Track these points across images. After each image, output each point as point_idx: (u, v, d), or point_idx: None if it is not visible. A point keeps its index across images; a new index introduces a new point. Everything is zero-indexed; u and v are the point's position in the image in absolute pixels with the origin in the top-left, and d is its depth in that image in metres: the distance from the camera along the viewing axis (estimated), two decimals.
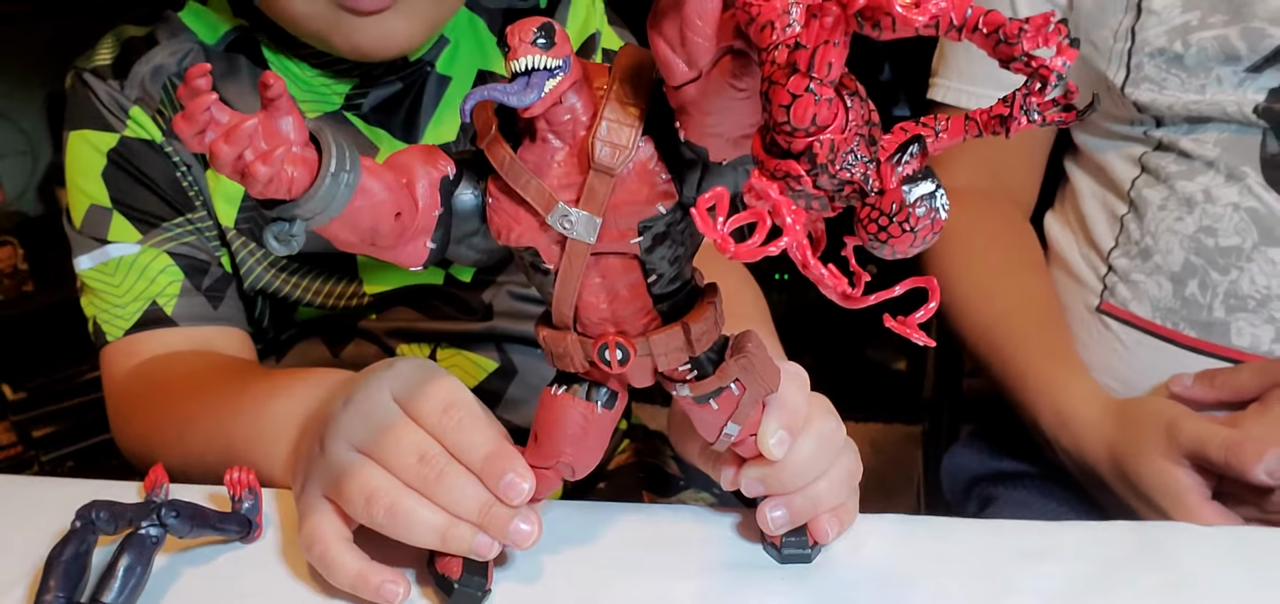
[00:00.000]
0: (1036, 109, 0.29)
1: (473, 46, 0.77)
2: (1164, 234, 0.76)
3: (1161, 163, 0.77)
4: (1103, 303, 0.80)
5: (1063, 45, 0.28)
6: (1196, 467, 0.66)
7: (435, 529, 0.46)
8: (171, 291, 0.72)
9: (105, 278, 0.73)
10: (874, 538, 0.53)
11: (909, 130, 0.32)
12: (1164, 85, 0.74)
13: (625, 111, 0.40)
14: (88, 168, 0.73)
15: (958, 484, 0.92)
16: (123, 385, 0.73)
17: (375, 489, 0.46)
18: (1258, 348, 0.72)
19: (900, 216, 0.31)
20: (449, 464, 0.46)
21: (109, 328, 0.73)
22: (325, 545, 0.48)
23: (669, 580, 0.50)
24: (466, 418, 0.47)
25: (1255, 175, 0.72)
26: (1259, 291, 0.72)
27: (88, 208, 0.73)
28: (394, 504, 0.46)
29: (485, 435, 0.47)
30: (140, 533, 0.47)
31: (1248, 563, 0.52)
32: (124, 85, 0.72)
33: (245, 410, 0.61)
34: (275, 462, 0.57)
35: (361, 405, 0.48)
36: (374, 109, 0.74)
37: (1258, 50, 0.70)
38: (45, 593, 0.45)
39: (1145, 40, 0.74)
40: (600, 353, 0.44)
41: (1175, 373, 0.73)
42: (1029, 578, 0.50)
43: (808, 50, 0.29)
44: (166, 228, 0.73)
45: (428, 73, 0.75)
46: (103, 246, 0.73)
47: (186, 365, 0.71)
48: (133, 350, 0.72)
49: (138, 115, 0.72)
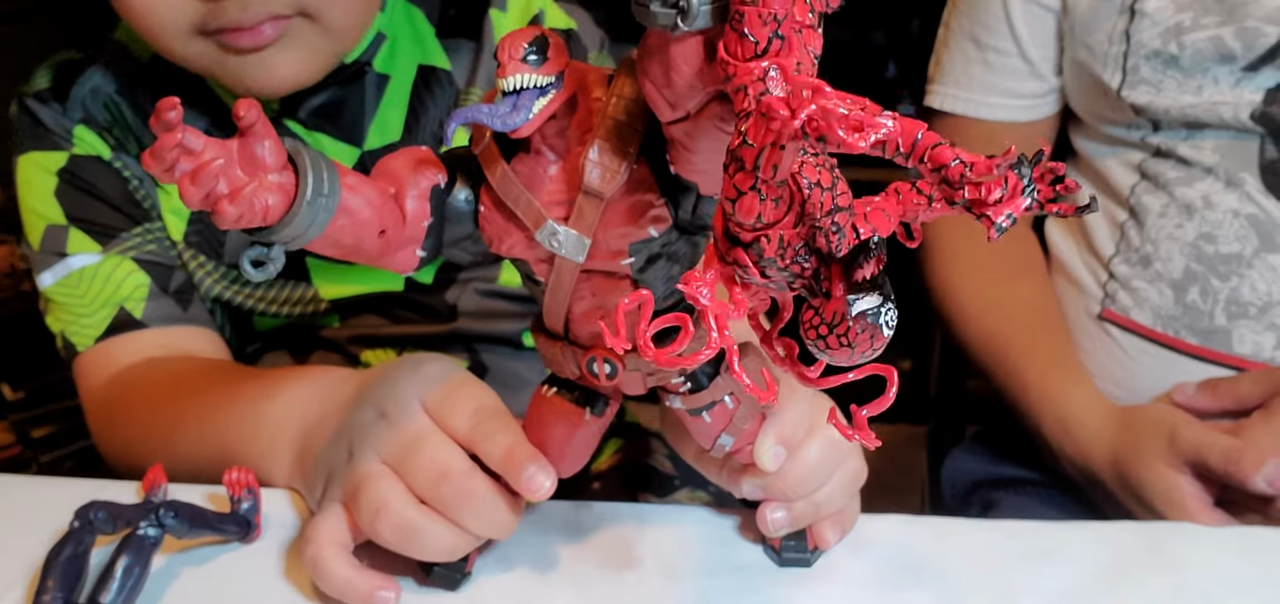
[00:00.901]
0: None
1: (411, 41, 0.74)
2: (1164, 241, 0.76)
3: (1160, 169, 0.77)
4: (1104, 310, 0.80)
5: (1010, 193, 0.25)
6: (1198, 474, 0.66)
7: (447, 547, 0.47)
8: (139, 296, 0.72)
9: (69, 290, 0.72)
10: (877, 538, 0.53)
11: (890, 207, 0.30)
12: (1161, 87, 0.74)
13: (619, 134, 0.38)
14: (39, 189, 0.72)
15: (958, 488, 0.92)
16: (101, 395, 0.72)
17: (384, 504, 0.46)
18: (1259, 355, 0.72)
19: (840, 329, 0.29)
20: (469, 480, 0.46)
21: (78, 339, 0.72)
22: (318, 547, 0.48)
23: (668, 580, 0.50)
24: (492, 422, 0.47)
25: (1254, 181, 0.72)
26: (1260, 298, 0.72)
27: (44, 228, 0.72)
28: (403, 522, 0.46)
29: (511, 437, 0.47)
30: (138, 533, 0.48)
31: (1254, 563, 0.52)
32: (66, 107, 0.72)
33: (238, 412, 0.60)
34: (273, 464, 0.56)
35: (393, 416, 0.48)
36: (313, 114, 0.72)
37: (1253, 49, 0.70)
38: (43, 593, 0.45)
39: (1140, 42, 0.74)
40: (588, 365, 0.43)
41: (1177, 380, 0.73)
42: (1034, 578, 0.50)
43: (753, 149, 0.27)
44: (125, 238, 0.73)
45: (366, 73, 0.72)
46: (64, 260, 0.72)
47: (167, 369, 0.70)
48: (106, 357, 0.72)
49: (82, 133, 0.72)
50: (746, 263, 0.30)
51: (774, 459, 0.47)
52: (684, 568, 0.51)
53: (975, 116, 0.87)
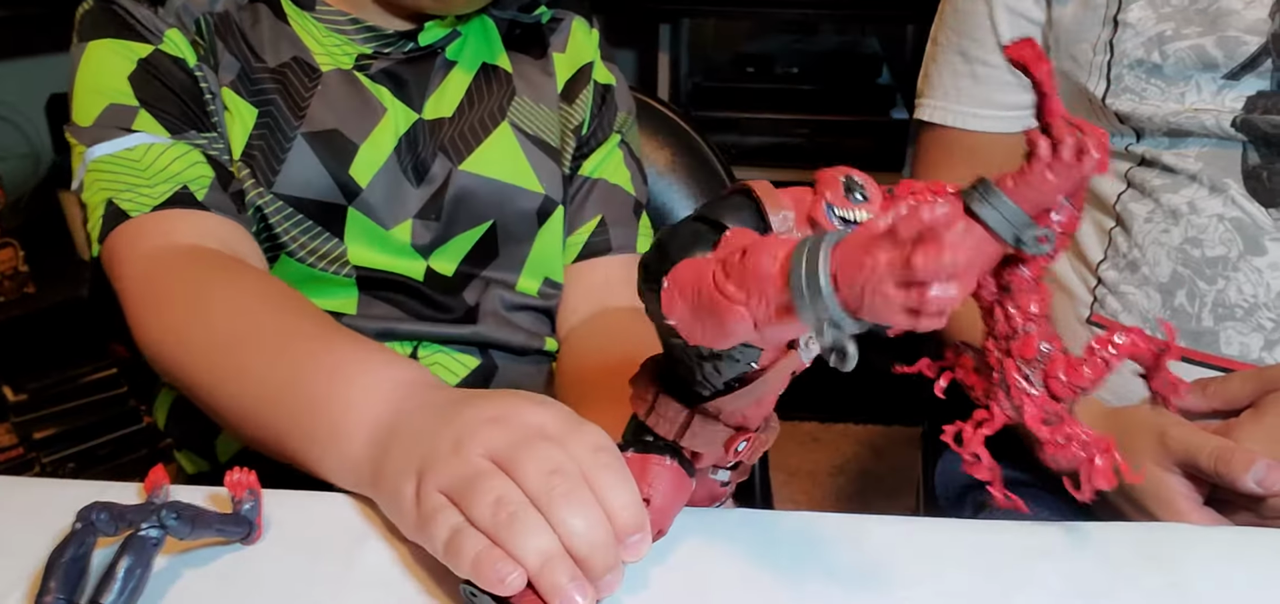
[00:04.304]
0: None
1: (481, 42, 0.83)
2: (1151, 246, 0.76)
3: (1146, 177, 0.78)
4: (1093, 315, 0.81)
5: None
6: (1188, 474, 0.66)
7: (542, 547, 0.43)
8: (203, 183, 0.71)
9: (130, 162, 0.70)
10: (874, 538, 0.53)
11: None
12: (1144, 95, 0.75)
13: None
14: (112, 71, 0.72)
15: (951, 490, 0.93)
16: (145, 269, 0.67)
17: (501, 497, 0.44)
18: (1247, 355, 0.73)
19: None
20: (578, 483, 0.44)
21: (133, 205, 0.69)
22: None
23: (667, 580, 0.51)
24: (617, 467, 0.46)
25: (1238, 186, 0.73)
26: (1246, 300, 0.73)
27: (106, 106, 0.71)
28: (516, 509, 0.44)
29: (628, 492, 0.45)
30: (140, 534, 0.47)
31: (1248, 564, 0.52)
32: (161, 11, 0.74)
33: (307, 379, 0.57)
34: (332, 451, 0.54)
35: (506, 419, 0.47)
36: (383, 73, 0.78)
37: (1234, 57, 0.71)
38: (45, 594, 0.45)
39: (1123, 52, 0.75)
40: (736, 447, 0.47)
41: None
42: (1029, 578, 0.50)
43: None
44: (195, 137, 0.73)
45: (437, 56, 0.80)
46: (127, 135, 0.70)
47: (232, 280, 0.66)
48: (162, 229, 0.69)
49: (174, 36, 0.74)
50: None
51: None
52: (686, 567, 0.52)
53: (964, 128, 0.88)
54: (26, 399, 1.70)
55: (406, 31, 0.79)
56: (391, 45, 0.79)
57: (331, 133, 0.75)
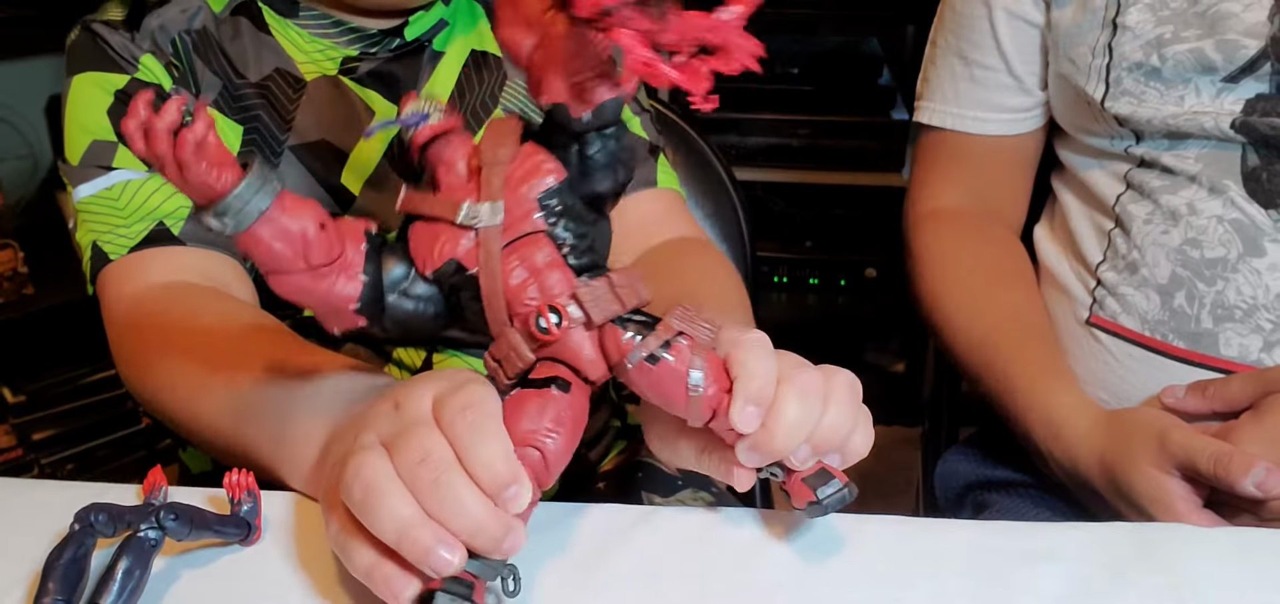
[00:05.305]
0: None
1: (469, 28, 0.81)
2: (1150, 248, 0.76)
3: (1145, 179, 0.78)
4: (1092, 316, 0.81)
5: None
6: (1187, 477, 0.66)
7: (398, 523, 0.43)
8: (179, 215, 0.72)
9: (109, 202, 0.71)
10: (873, 539, 0.53)
11: None
12: (1143, 98, 0.75)
13: (501, 130, 0.49)
14: (92, 106, 0.72)
15: (951, 490, 0.93)
16: (127, 310, 0.70)
17: (362, 469, 0.44)
18: (1246, 357, 0.73)
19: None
20: (449, 471, 0.44)
21: (112, 247, 0.71)
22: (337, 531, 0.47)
23: (667, 581, 0.51)
24: (482, 423, 0.45)
25: (1237, 188, 0.73)
26: (1245, 302, 0.73)
27: (90, 143, 0.72)
28: (371, 484, 0.44)
29: (497, 445, 0.45)
30: (139, 536, 0.48)
31: (1249, 564, 0.52)
32: (135, 36, 0.73)
33: (272, 398, 0.58)
34: (296, 466, 0.55)
35: (403, 406, 0.47)
36: (369, 75, 0.77)
37: (1233, 61, 0.71)
38: (43, 596, 0.45)
39: (1122, 55, 0.75)
40: (537, 324, 0.46)
41: (1165, 384, 0.74)
42: (1029, 579, 0.50)
43: None
44: None
45: (424, 50, 0.79)
46: (108, 173, 0.71)
47: (199, 311, 0.68)
48: (140, 267, 0.70)
49: (149, 63, 0.73)
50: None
51: (750, 418, 0.46)
52: (684, 567, 0.52)
53: (964, 131, 0.88)
54: (26, 400, 1.70)
55: (391, 29, 0.77)
56: (377, 45, 0.77)
57: (319, 143, 0.75)
